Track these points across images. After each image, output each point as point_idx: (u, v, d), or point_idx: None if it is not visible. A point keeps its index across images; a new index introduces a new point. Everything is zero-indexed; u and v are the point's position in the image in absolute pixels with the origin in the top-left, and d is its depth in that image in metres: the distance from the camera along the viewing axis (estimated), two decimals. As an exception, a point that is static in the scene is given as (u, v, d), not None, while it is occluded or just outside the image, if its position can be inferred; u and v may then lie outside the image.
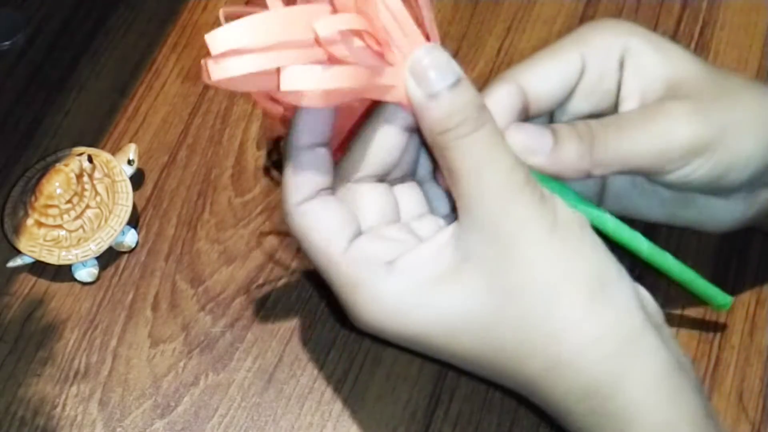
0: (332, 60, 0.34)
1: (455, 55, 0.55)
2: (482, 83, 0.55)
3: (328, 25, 0.32)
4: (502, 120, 0.38)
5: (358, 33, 0.34)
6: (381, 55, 0.35)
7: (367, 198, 0.38)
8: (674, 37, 0.57)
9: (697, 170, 0.39)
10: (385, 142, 0.38)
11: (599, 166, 0.38)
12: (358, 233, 0.37)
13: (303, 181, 0.37)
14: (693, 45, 0.56)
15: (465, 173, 0.35)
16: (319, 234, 0.37)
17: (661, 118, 0.39)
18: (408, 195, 0.40)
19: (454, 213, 0.39)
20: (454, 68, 0.35)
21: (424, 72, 0.35)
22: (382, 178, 0.39)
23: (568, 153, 0.38)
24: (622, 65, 0.41)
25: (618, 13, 0.58)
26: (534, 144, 0.38)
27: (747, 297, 0.49)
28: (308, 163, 0.37)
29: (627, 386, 0.35)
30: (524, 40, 0.57)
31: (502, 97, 0.39)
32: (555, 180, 0.39)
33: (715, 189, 0.40)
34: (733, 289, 0.49)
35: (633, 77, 0.40)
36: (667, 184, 0.40)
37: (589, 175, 0.39)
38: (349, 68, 0.34)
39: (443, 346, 0.37)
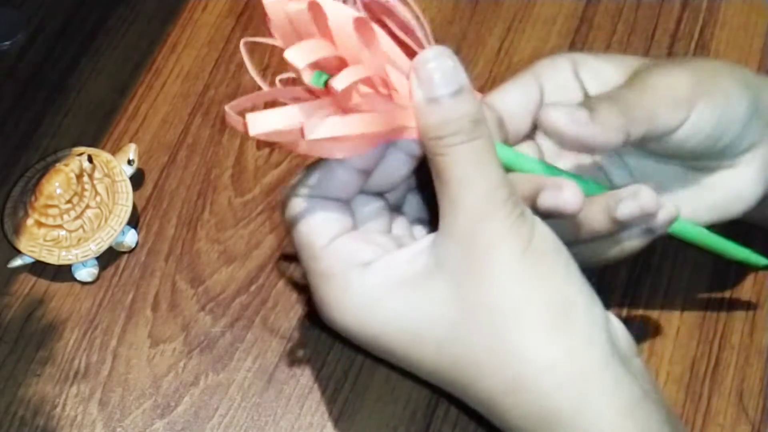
0: (347, 111, 0.35)
1: (455, 55, 0.55)
2: (482, 83, 0.55)
3: (344, 79, 0.33)
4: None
5: (367, 81, 0.35)
6: (390, 98, 0.36)
7: (364, 208, 0.39)
8: (674, 37, 0.57)
9: (698, 121, 0.39)
10: (390, 165, 0.39)
11: (633, 124, 0.38)
12: (342, 232, 0.38)
13: (312, 184, 0.38)
14: (693, 45, 0.56)
15: (451, 181, 0.35)
16: (307, 225, 0.37)
17: (661, 75, 0.40)
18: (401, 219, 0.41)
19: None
20: (459, 76, 0.35)
21: (428, 74, 0.35)
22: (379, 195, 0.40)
23: (607, 115, 0.38)
24: (577, 75, 0.42)
25: (618, 13, 0.58)
26: (574, 116, 0.38)
27: (747, 297, 0.49)
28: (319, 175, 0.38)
29: (586, 417, 0.34)
30: (524, 40, 0.57)
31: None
32: (577, 176, 0.39)
33: (719, 149, 0.41)
34: (733, 289, 0.49)
35: (592, 79, 0.42)
36: (678, 149, 0.41)
37: (626, 140, 0.38)
38: (366, 115, 0.35)
39: (402, 350, 0.36)
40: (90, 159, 0.48)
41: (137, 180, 0.52)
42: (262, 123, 0.34)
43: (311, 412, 0.46)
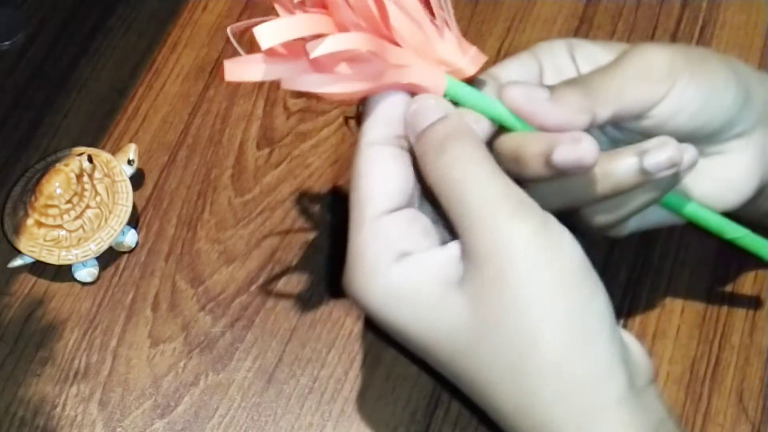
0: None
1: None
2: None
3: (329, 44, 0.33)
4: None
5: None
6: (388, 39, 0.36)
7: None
8: (674, 37, 0.57)
9: (681, 98, 0.39)
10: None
11: (600, 104, 0.38)
12: (399, 207, 0.37)
13: (382, 119, 0.37)
14: (693, 45, 0.56)
15: (451, 203, 0.35)
16: (366, 186, 0.36)
17: (638, 51, 0.39)
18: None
19: None
20: (438, 108, 0.36)
21: (410, 119, 0.36)
22: None
23: (567, 96, 0.37)
24: (573, 58, 0.42)
25: (618, 13, 0.58)
26: (532, 94, 0.37)
27: (747, 297, 0.49)
28: (387, 106, 0.37)
29: None
30: (524, 40, 0.57)
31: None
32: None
33: (707, 133, 0.40)
34: (733, 289, 0.49)
35: (587, 64, 0.41)
36: (660, 128, 0.40)
37: (593, 121, 0.37)
38: (369, 35, 0.34)
39: (419, 349, 0.36)
40: (90, 159, 0.48)
41: (137, 180, 0.52)
42: (272, 33, 0.33)
43: (311, 412, 0.46)
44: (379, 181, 0.36)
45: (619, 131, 0.42)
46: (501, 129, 0.38)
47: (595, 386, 0.34)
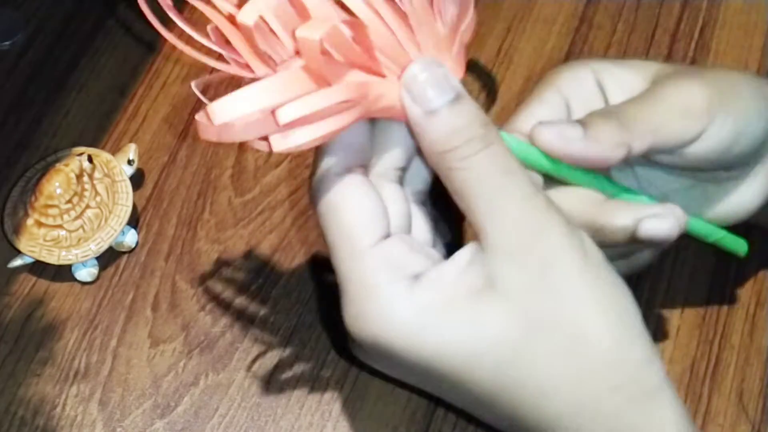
0: (321, 84, 0.32)
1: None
2: (482, 83, 0.55)
3: (311, 28, 0.30)
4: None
5: (344, 49, 0.32)
6: (369, 70, 0.33)
7: (394, 196, 0.36)
8: (674, 37, 0.57)
9: (717, 136, 0.38)
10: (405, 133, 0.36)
11: (636, 138, 0.37)
12: (387, 234, 0.34)
13: (345, 147, 0.35)
14: (693, 45, 0.56)
15: (478, 199, 0.33)
16: (352, 215, 0.34)
17: (675, 85, 0.38)
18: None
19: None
20: (452, 83, 0.33)
21: (420, 88, 0.33)
22: (401, 178, 0.37)
23: (603, 131, 0.36)
24: (600, 85, 0.41)
25: (618, 13, 0.58)
26: (565, 134, 0.36)
27: (747, 297, 0.49)
28: (347, 134, 0.34)
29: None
30: (524, 40, 0.57)
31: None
32: (590, 172, 0.38)
33: (728, 160, 0.40)
34: (733, 290, 0.49)
35: (617, 89, 0.40)
36: (693, 162, 0.39)
37: (628, 154, 0.37)
38: (339, 86, 0.32)
39: (455, 374, 0.33)
40: (90, 159, 0.48)
41: (137, 180, 0.52)
42: (228, 109, 0.31)
43: (311, 412, 0.46)
44: (366, 208, 0.34)
45: (640, 160, 0.41)
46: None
47: (645, 372, 0.34)
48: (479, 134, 0.33)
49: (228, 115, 0.31)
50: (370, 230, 0.34)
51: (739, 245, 0.43)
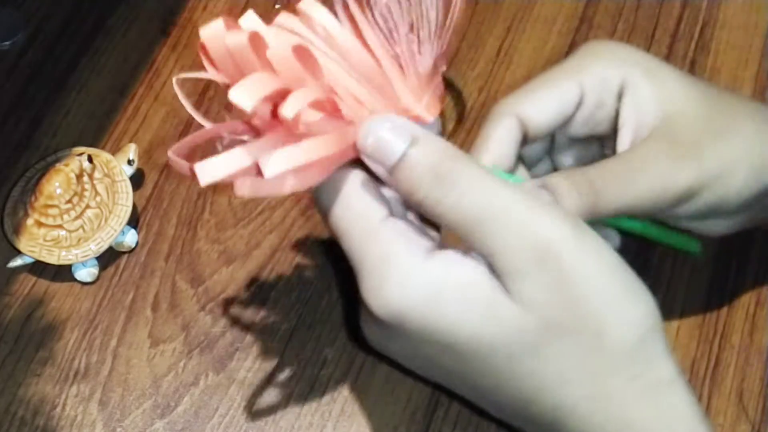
0: (298, 139, 0.33)
1: (455, 55, 0.55)
2: (482, 83, 0.55)
3: (292, 106, 0.32)
4: (505, 155, 0.39)
5: (317, 104, 0.34)
6: (340, 117, 0.34)
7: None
8: (674, 37, 0.57)
9: (691, 207, 0.39)
10: None
11: (600, 215, 0.38)
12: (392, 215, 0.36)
13: None
14: (693, 45, 0.56)
15: (473, 229, 0.33)
16: (359, 197, 0.35)
17: (657, 166, 0.38)
18: None
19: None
20: (403, 131, 0.34)
21: (372, 150, 0.34)
22: None
23: (568, 199, 0.37)
24: (620, 96, 0.41)
25: (618, 13, 0.58)
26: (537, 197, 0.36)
27: (747, 297, 0.49)
28: None
29: (664, 426, 0.34)
30: (524, 40, 0.57)
31: (503, 135, 0.39)
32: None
33: (708, 218, 0.41)
34: (733, 290, 0.49)
35: (630, 109, 0.40)
36: (680, 221, 0.41)
37: (595, 216, 0.38)
38: (321, 138, 0.33)
39: (470, 352, 0.34)
40: (90, 159, 0.48)
41: (137, 180, 0.52)
42: (211, 171, 0.33)
43: (311, 412, 0.46)
44: (371, 190, 0.35)
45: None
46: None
47: (661, 362, 0.34)
48: (445, 171, 0.33)
49: (212, 177, 0.33)
50: (379, 208, 0.35)
51: (691, 245, 0.43)
